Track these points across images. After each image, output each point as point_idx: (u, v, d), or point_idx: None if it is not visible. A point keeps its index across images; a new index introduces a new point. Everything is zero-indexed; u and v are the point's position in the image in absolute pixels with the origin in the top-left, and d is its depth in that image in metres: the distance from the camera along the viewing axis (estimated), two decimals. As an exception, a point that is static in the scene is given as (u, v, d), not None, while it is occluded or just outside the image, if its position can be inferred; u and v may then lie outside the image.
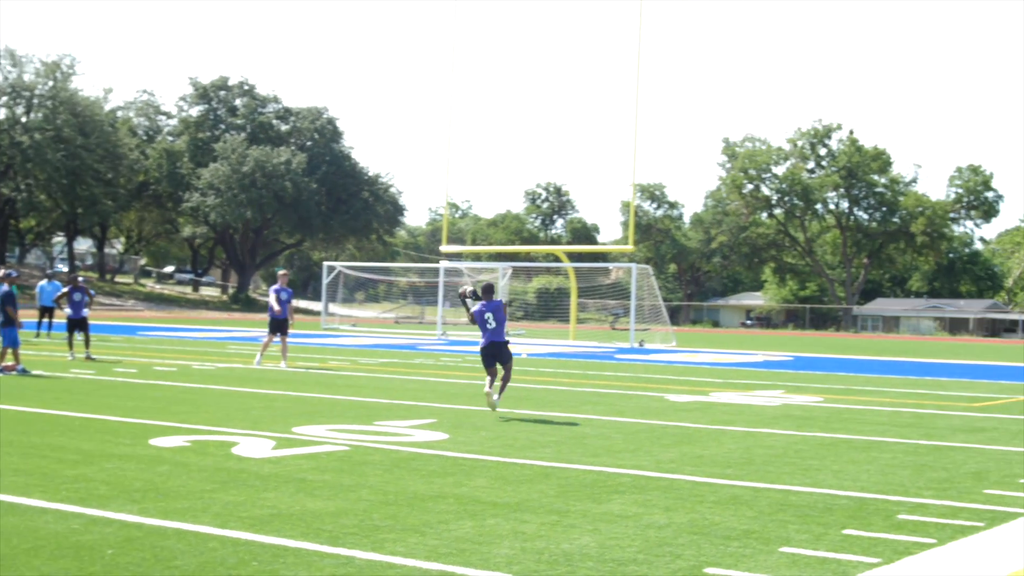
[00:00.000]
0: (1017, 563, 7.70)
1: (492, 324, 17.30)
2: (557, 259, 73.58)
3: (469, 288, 17.82)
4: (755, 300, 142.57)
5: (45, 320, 37.88)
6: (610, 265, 75.54)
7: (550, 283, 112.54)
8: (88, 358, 27.33)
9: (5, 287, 23.29)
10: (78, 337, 29.03)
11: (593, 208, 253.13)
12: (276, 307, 27.36)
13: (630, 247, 55.60)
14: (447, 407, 17.91)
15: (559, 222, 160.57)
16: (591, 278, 74.21)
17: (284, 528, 8.27)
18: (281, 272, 28.32)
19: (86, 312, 28.49)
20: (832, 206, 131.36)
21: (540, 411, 17.64)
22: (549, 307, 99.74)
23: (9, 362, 22.96)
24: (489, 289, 17.65)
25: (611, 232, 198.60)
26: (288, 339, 27.84)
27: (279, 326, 27.35)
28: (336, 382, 22.83)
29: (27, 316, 31.87)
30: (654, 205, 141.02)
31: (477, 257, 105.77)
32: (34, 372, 23.17)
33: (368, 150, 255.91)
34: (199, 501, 9.23)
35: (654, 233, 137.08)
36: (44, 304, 37.48)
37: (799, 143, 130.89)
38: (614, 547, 7.91)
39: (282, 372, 25.18)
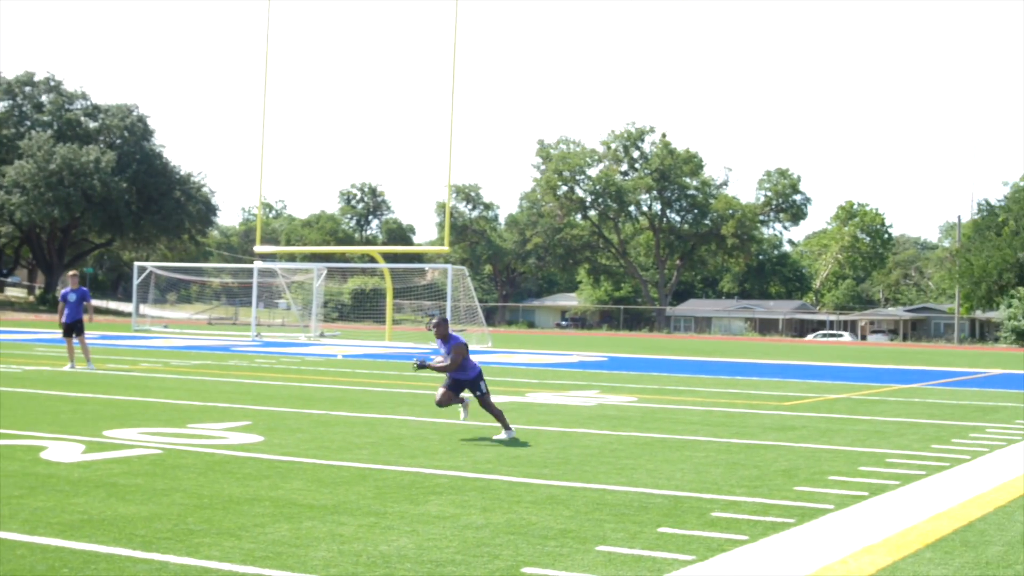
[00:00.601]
0: (826, 558, 7.88)
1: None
2: (372, 260, 73.47)
3: (419, 361, 15.81)
4: (570, 301, 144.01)
5: None
6: (426, 266, 75.55)
7: (365, 284, 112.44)
8: None
9: None
10: None
11: (408, 209, 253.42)
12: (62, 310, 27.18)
13: (445, 248, 55.69)
14: (262, 409, 17.72)
15: (374, 223, 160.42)
16: (407, 279, 74.19)
17: (95, 534, 8.08)
18: (71, 274, 27.72)
19: None
20: (645, 208, 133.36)
21: (357, 412, 17.55)
22: (365, 308, 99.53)
23: None
24: (446, 322, 15.58)
25: (426, 233, 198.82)
26: (86, 339, 27.21)
27: (71, 329, 26.76)
28: (148, 384, 22.42)
29: None
30: (469, 206, 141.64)
31: (292, 258, 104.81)
32: None
33: (180, 149, 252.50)
34: (6, 507, 8.96)
35: (469, 234, 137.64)
36: None
37: (612, 145, 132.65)
38: (432, 548, 7.90)
39: (92, 375, 24.63)
